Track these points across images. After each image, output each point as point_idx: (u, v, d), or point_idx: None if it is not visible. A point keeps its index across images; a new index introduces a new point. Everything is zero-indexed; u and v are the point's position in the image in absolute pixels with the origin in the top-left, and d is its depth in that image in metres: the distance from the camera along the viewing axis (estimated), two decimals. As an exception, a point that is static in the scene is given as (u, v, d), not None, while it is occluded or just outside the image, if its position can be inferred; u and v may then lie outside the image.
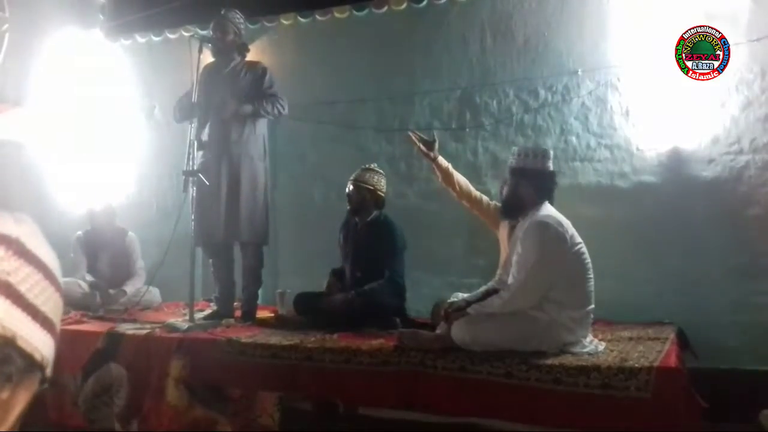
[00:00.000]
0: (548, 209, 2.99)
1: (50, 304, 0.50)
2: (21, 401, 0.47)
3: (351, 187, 3.92)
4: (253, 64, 4.07)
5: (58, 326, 0.52)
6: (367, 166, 4.02)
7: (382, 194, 3.95)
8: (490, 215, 3.51)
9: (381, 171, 4.04)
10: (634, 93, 4.10)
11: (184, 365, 3.21)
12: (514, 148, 3.27)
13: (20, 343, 0.46)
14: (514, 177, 3.09)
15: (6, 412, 0.46)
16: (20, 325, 0.46)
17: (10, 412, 0.47)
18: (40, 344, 0.48)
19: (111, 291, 4.57)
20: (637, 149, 4.09)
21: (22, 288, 0.47)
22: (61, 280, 0.54)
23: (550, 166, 3.11)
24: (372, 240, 3.82)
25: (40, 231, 0.53)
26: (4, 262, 0.46)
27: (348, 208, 3.99)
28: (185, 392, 3.18)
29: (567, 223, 2.93)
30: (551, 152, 3.21)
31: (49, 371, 0.51)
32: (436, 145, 3.56)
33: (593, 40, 4.21)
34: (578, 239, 2.93)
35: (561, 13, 4.31)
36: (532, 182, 3.03)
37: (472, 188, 3.59)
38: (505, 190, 3.17)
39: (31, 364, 0.48)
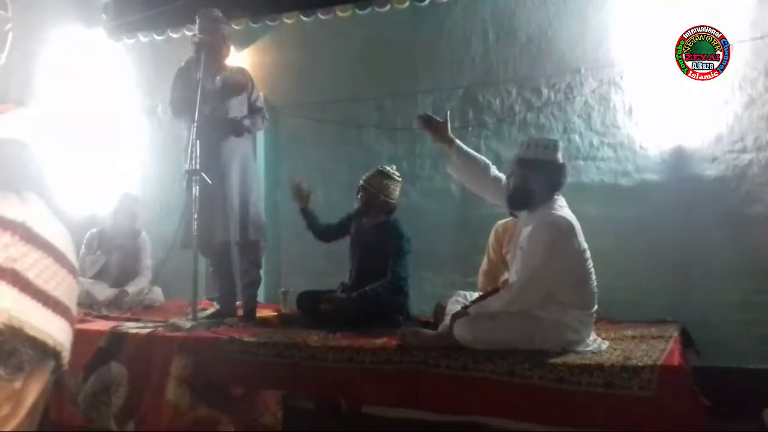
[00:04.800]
0: (562, 208, 2.88)
1: (63, 287, 0.49)
2: (33, 391, 0.47)
3: (361, 189, 3.81)
4: (237, 70, 4.05)
5: (74, 309, 0.51)
6: (383, 168, 3.86)
7: (390, 200, 3.80)
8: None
9: (395, 175, 3.84)
10: (637, 91, 4.09)
11: (187, 364, 3.21)
12: (523, 139, 3.11)
13: (30, 331, 0.45)
14: (522, 168, 2.92)
15: (18, 402, 0.46)
16: (30, 313, 0.45)
17: (23, 403, 0.46)
18: (54, 330, 0.47)
19: (111, 290, 4.54)
20: (641, 147, 4.09)
21: (30, 274, 0.46)
22: (75, 260, 0.52)
23: (560, 157, 2.96)
24: (379, 244, 3.76)
25: (48, 210, 0.52)
26: (10, 248, 0.45)
27: (355, 204, 3.90)
28: (187, 391, 3.18)
29: (577, 226, 2.85)
30: (560, 143, 3.05)
31: (66, 356, 0.50)
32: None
33: (596, 39, 4.20)
34: (585, 243, 2.87)
35: (564, 11, 4.30)
36: (542, 174, 2.88)
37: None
38: (512, 182, 2.99)
39: (43, 352, 0.47)
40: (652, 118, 4.05)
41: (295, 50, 4.94)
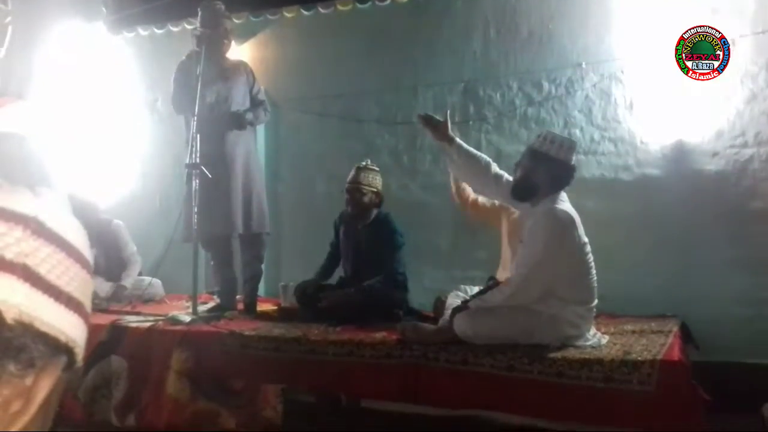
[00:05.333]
0: (563, 202, 2.87)
1: (75, 283, 0.48)
2: (44, 387, 0.46)
3: (355, 192, 3.77)
4: (238, 63, 4.04)
5: (88, 305, 0.51)
6: (363, 164, 3.88)
7: (374, 189, 3.83)
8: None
9: (372, 166, 3.89)
10: (638, 86, 4.08)
11: (187, 358, 3.22)
12: (542, 130, 3.09)
13: (41, 327, 0.45)
14: (532, 160, 2.90)
15: (29, 399, 0.46)
16: (41, 308, 0.45)
17: (34, 399, 0.46)
18: (66, 326, 0.47)
19: (109, 284, 4.53)
20: (641, 142, 4.08)
21: (42, 270, 0.45)
22: (89, 255, 0.52)
23: (572, 159, 2.93)
24: (373, 240, 3.77)
25: (62, 202, 0.51)
26: (22, 243, 0.45)
27: (349, 209, 3.84)
28: (188, 385, 3.19)
29: (578, 220, 2.84)
30: (577, 145, 3.02)
31: (79, 352, 0.49)
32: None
33: (597, 33, 4.19)
34: (585, 238, 2.86)
35: (565, 5, 4.29)
36: (549, 170, 2.86)
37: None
38: (519, 171, 2.97)
39: (55, 348, 0.46)
40: (653, 112, 4.04)
41: (296, 44, 4.93)
